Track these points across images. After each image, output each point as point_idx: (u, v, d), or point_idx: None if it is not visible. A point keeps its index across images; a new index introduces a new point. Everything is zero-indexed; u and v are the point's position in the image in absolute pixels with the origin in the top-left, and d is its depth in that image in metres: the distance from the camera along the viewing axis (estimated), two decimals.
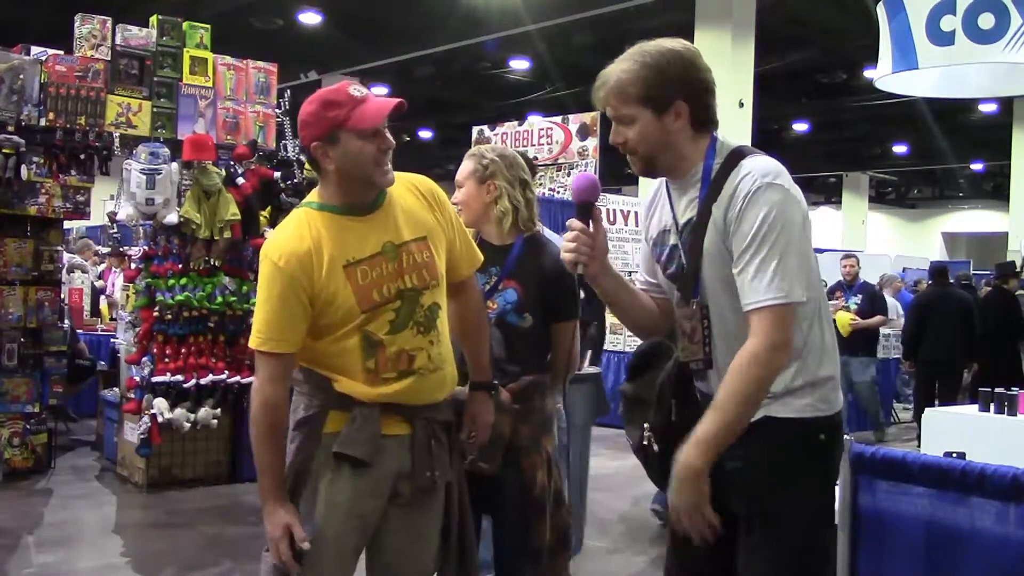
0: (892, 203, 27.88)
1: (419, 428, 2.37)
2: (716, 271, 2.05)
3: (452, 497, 2.46)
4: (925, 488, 2.44)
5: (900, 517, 2.50)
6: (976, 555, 2.34)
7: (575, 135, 11.16)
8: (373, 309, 2.28)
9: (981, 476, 2.32)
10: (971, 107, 16.32)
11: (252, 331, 2.32)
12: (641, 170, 2.17)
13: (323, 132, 2.25)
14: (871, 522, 2.52)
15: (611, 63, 2.13)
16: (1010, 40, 5.47)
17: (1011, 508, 2.27)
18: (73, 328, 7.37)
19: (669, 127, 2.07)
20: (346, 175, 2.29)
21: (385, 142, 2.28)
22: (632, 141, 2.10)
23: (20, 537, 4.99)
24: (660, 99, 2.05)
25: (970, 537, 2.35)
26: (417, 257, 2.36)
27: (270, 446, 2.30)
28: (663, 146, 2.09)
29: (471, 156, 2.97)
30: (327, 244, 2.28)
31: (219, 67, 6.74)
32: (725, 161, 2.07)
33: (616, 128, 2.13)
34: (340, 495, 2.31)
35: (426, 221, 2.42)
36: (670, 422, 2.08)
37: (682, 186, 2.14)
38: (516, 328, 2.85)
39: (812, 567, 2.09)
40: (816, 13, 11.77)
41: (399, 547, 2.39)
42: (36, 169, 6.13)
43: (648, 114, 2.07)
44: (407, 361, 2.31)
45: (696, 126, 2.10)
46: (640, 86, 2.05)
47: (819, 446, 2.07)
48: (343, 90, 2.27)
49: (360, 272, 2.29)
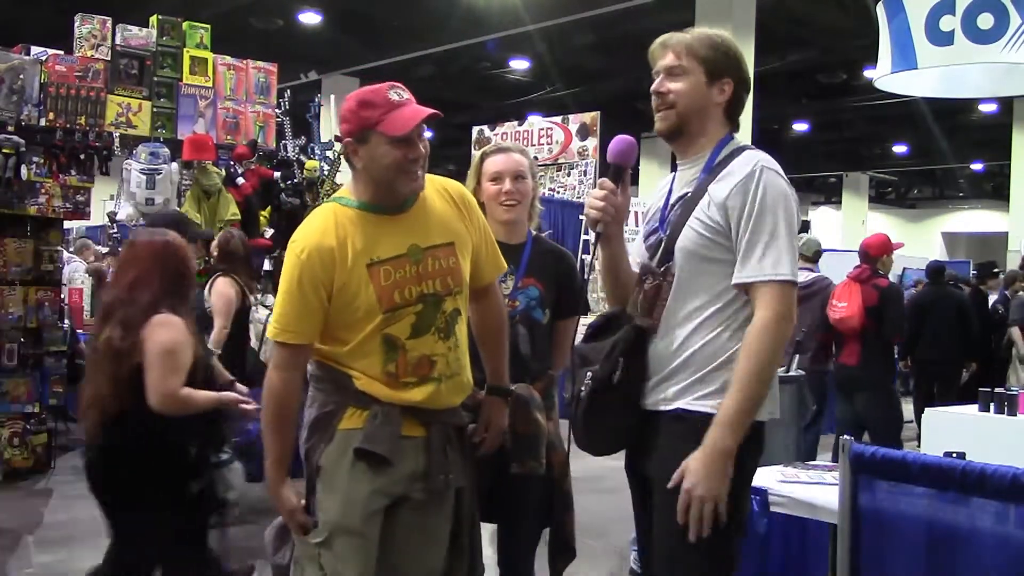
0: (892, 203, 27.89)
1: (435, 431, 2.37)
2: (692, 243, 2.16)
3: (463, 502, 2.45)
4: (925, 488, 2.44)
5: (900, 517, 2.50)
6: (976, 555, 2.34)
7: (575, 135, 11.16)
8: (394, 310, 2.28)
9: (981, 476, 2.31)
10: (971, 107, 16.31)
11: (271, 319, 2.37)
12: (669, 126, 2.26)
13: (355, 130, 2.27)
14: (871, 522, 2.52)
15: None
16: (1009, 40, 5.47)
17: (1011, 508, 2.26)
18: (73, 328, 7.38)
19: (712, 98, 2.23)
20: (371, 176, 2.31)
21: (414, 151, 2.27)
22: (675, 93, 2.23)
23: (20, 537, 4.99)
24: (717, 68, 2.22)
25: (970, 537, 2.35)
26: (443, 262, 2.36)
27: (274, 431, 2.36)
28: (699, 112, 2.23)
29: (520, 151, 2.94)
30: (352, 241, 2.29)
31: (219, 67, 6.74)
32: (732, 152, 2.22)
33: (662, 80, 2.24)
34: (358, 492, 2.30)
35: (455, 227, 2.42)
36: (611, 379, 2.16)
37: (691, 163, 2.27)
38: (540, 324, 2.87)
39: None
40: (816, 13, 11.78)
41: (408, 547, 2.37)
42: (36, 169, 6.14)
43: (702, 75, 2.22)
44: (428, 366, 2.32)
45: (728, 114, 2.26)
46: (707, 49, 2.22)
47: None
48: (382, 91, 2.28)
49: (383, 272, 2.29)
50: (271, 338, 2.37)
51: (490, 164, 2.86)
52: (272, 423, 2.37)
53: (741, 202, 2.10)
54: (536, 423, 2.71)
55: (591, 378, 2.18)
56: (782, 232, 2.09)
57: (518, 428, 2.70)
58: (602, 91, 15.33)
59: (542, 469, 2.75)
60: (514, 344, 2.78)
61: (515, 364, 2.77)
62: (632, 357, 2.18)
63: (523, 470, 2.70)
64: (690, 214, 2.17)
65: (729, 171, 2.15)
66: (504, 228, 2.86)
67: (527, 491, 2.80)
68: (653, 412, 2.20)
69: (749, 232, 2.09)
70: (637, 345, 2.20)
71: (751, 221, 2.09)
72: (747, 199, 2.10)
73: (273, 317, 2.36)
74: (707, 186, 2.16)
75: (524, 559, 2.91)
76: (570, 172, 10.93)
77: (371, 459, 2.29)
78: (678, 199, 2.24)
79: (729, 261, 2.13)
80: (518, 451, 2.70)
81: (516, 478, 2.72)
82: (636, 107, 17.12)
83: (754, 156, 2.17)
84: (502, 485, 2.74)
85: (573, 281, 3.00)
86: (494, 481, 2.71)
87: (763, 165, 2.14)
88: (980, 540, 2.33)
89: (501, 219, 2.84)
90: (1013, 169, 15.60)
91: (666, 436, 2.16)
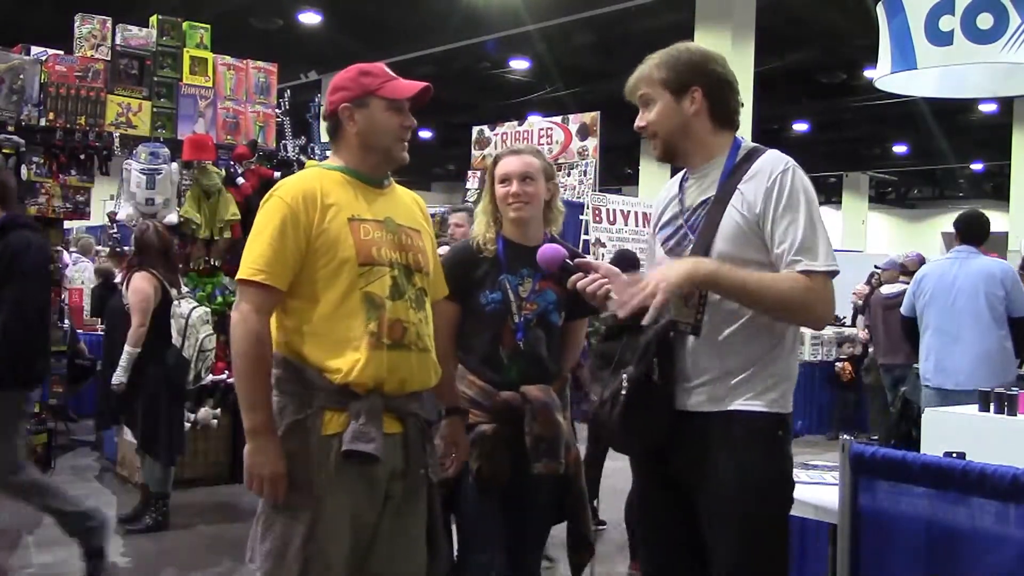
0: (892, 203, 27.88)
1: (411, 425, 2.39)
2: (728, 244, 2.15)
3: (433, 496, 2.48)
4: (925, 488, 2.44)
5: (900, 517, 2.50)
6: (976, 555, 2.34)
7: (575, 135, 11.16)
8: (370, 265, 2.30)
9: (981, 476, 2.31)
10: (971, 107, 16.31)
11: (241, 264, 2.30)
12: (660, 154, 2.31)
13: (354, 95, 2.37)
14: (871, 522, 2.52)
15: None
16: (1009, 40, 5.46)
17: (1011, 508, 2.26)
18: (73, 328, 7.37)
19: (686, 111, 2.23)
20: (365, 142, 2.38)
21: (408, 119, 2.41)
22: (652, 123, 2.27)
23: (20, 537, 4.99)
24: (677, 83, 2.23)
25: (970, 537, 2.35)
26: (414, 241, 2.43)
27: (262, 378, 2.28)
28: (681, 131, 2.25)
29: (534, 152, 2.95)
30: (336, 196, 2.34)
31: (219, 67, 6.74)
32: (747, 154, 2.23)
33: (640, 113, 2.30)
34: (341, 506, 2.27)
35: (422, 223, 2.52)
36: (647, 380, 2.16)
37: (703, 172, 2.27)
38: (555, 327, 2.90)
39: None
40: (816, 13, 11.77)
41: (392, 552, 2.37)
42: (36, 169, 6.13)
43: (667, 96, 2.24)
44: (400, 332, 2.33)
45: (715, 119, 2.26)
46: (661, 70, 2.26)
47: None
48: (379, 65, 2.44)
49: (363, 228, 2.34)
50: (243, 278, 2.29)
51: (501, 166, 2.89)
52: (258, 370, 2.27)
53: (777, 197, 2.12)
54: (557, 424, 2.75)
55: (627, 379, 2.16)
56: (819, 227, 2.13)
57: (540, 430, 2.72)
58: (602, 91, 15.29)
59: (563, 469, 2.78)
60: (533, 347, 2.81)
61: (536, 366, 2.82)
62: (665, 357, 2.18)
63: (545, 470, 2.74)
64: (721, 215, 2.17)
65: (758, 169, 2.17)
66: (518, 229, 2.88)
67: (539, 490, 2.82)
68: (695, 413, 2.18)
69: (785, 225, 2.11)
70: (670, 344, 2.19)
71: (792, 215, 2.11)
72: (783, 194, 2.12)
73: (247, 260, 2.30)
74: (736, 186, 2.17)
75: (532, 557, 2.93)
76: (570, 172, 10.93)
77: (353, 464, 2.25)
78: (701, 203, 2.24)
79: (763, 261, 2.14)
80: (540, 452, 2.73)
81: (529, 478, 2.74)
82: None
83: (782, 155, 2.21)
84: (514, 485, 2.76)
85: None
86: (510, 480, 2.74)
87: (793, 165, 2.17)
88: (980, 540, 2.33)
89: (510, 218, 2.86)
90: (1013, 169, 15.60)
91: (716, 439, 2.16)
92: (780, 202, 2.12)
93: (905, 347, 6.92)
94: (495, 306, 2.80)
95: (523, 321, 2.80)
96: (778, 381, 2.18)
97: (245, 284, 2.30)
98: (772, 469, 2.18)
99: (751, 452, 2.15)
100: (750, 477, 2.14)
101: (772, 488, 2.19)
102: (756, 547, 2.15)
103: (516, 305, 2.80)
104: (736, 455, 2.14)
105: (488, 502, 2.77)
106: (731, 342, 2.16)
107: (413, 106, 2.44)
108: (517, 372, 2.79)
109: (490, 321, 2.81)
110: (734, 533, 2.14)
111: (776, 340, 2.18)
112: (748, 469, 2.14)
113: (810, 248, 2.10)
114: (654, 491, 2.35)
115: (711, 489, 2.16)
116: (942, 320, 5.32)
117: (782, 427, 2.20)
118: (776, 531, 2.20)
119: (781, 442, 2.20)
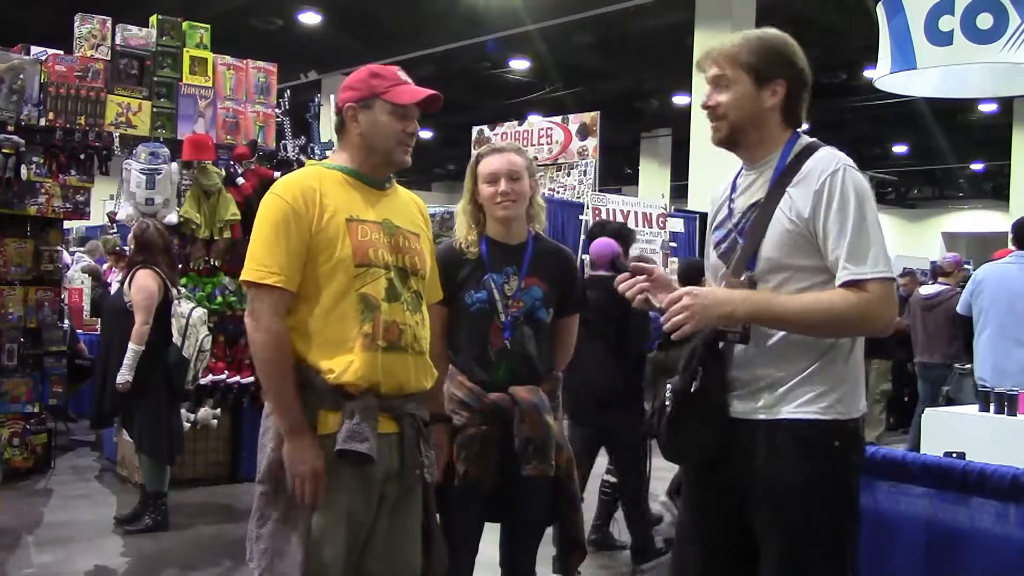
0: (892, 203, 27.86)
1: (407, 425, 2.38)
2: (776, 250, 2.09)
3: (429, 495, 2.48)
4: (925, 488, 2.44)
5: (900, 517, 2.50)
6: (976, 555, 2.34)
7: (575, 135, 11.15)
8: (366, 266, 2.31)
9: (981, 476, 2.32)
10: (971, 107, 16.30)
11: (248, 266, 2.28)
12: (723, 138, 2.21)
13: (361, 96, 2.37)
14: (871, 522, 2.52)
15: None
16: (1008, 40, 5.45)
17: (1011, 508, 2.27)
18: (73, 328, 7.37)
19: (764, 102, 2.15)
20: (367, 143, 2.38)
21: (411, 125, 2.40)
22: (724, 106, 2.17)
23: (20, 537, 4.99)
24: (764, 72, 2.14)
25: (970, 537, 2.35)
26: (412, 244, 2.43)
27: (289, 380, 2.26)
28: (753, 120, 2.16)
29: (516, 150, 2.91)
30: (334, 195, 2.34)
31: (219, 67, 6.74)
32: (802, 150, 2.15)
33: (711, 92, 2.19)
34: (337, 505, 2.27)
35: (421, 227, 2.53)
36: (689, 390, 2.11)
37: (756, 170, 2.20)
38: (543, 324, 2.88)
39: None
40: (816, 13, 11.77)
41: (387, 552, 2.37)
42: (36, 169, 6.13)
43: (748, 82, 2.15)
44: (397, 333, 2.33)
45: (786, 114, 2.18)
46: (750, 54, 2.14)
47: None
48: (392, 69, 2.43)
49: (360, 229, 2.34)
50: (253, 280, 2.26)
51: (485, 165, 2.85)
52: (281, 371, 2.25)
53: (828, 201, 2.03)
54: (546, 426, 2.73)
55: (671, 391, 2.13)
56: (875, 228, 2.04)
57: (529, 432, 2.71)
58: (602, 91, 15.34)
59: (553, 471, 2.76)
60: (520, 345, 2.79)
61: (525, 365, 2.80)
62: (711, 364, 2.12)
63: (535, 472, 2.72)
64: (769, 218, 2.10)
65: (808, 171, 2.08)
66: (504, 228, 2.86)
67: (532, 492, 2.81)
68: (747, 421, 2.11)
69: (837, 231, 2.02)
70: (716, 352, 2.13)
71: (841, 222, 2.02)
72: (833, 199, 2.03)
73: (254, 261, 2.28)
74: (784, 189, 2.09)
75: (526, 559, 2.92)
76: (570, 172, 10.92)
77: (347, 464, 2.25)
78: (751, 206, 2.16)
79: (816, 266, 2.07)
80: (529, 454, 2.71)
81: (522, 479, 2.73)
82: (635, 107, 17.13)
83: (834, 154, 2.10)
84: (507, 486, 2.75)
85: (574, 279, 3.02)
86: (499, 482, 2.73)
87: (845, 164, 2.07)
88: (980, 540, 2.33)
89: (498, 217, 2.83)
90: (1013, 169, 15.60)
91: (771, 448, 2.08)
92: (830, 208, 2.03)
93: (943, 347, 7.09)
94: (481, 306, 2.79)
95: (510, 320, 2.78)
96: (835, 385, 2.08)
97: (257, 287, 2.27)
98: (823, 480, 2.06)
99: (799, 462, 2.05)
100: (796, 489, 2.05)
101: (822, 502, 2.06)
102: (798, 562, 2.06)
103: (502, 304, 2.78)
104: (783, 465, 2.06)
105: (471, 506, 2.78)
106: (781, 349, 2.09)
107: (422, 112, 2.42)
108: (506, 371, 2.78)
109: (476, 321, 2.79)
110: (777, 549, 2.08)
111: (830, 344, 2.08)
112: (796, 481, 2.05)
113: (858, 256, 2.00)
114: (703, 494, 2.26)
115: (759, 500, 2.09)
116: (1003, 322, 5.42)
117: (840, 435, 2.08)
118: (823, 546, 2.07)
119: (836, 452, 2.07)
